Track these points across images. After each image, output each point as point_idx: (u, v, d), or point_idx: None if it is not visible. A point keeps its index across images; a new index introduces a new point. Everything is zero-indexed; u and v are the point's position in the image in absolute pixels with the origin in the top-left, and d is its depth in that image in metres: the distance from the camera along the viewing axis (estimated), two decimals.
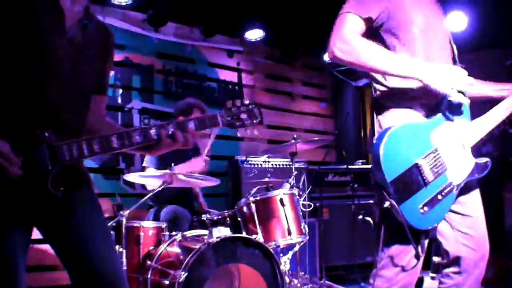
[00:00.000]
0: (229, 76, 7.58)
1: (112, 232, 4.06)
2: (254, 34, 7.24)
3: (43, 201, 2.02)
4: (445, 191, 2.51)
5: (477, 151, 6.15)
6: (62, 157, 2.00)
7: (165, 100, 6.68)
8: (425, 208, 2.45)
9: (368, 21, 2.54)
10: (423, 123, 2.57)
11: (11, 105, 2.03)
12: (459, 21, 6.61)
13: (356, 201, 6.08)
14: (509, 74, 6.22)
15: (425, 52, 2.62)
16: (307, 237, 4.62)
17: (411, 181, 2.43)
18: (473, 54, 7.09)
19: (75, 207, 2.20)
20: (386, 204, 2.41)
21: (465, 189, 2.65)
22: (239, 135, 6.32)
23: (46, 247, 2.50)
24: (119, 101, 6.29)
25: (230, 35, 7.50)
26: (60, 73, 2.12)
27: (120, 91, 6.31)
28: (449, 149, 2.57)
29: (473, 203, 2.71)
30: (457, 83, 2.44)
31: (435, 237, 2.70)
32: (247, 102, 2.36)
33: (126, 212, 4.10)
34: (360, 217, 5.82)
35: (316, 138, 6.20)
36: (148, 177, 4.57)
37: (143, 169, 5.05)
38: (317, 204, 6.11)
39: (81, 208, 2.22)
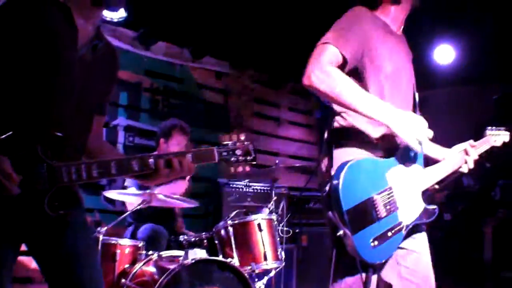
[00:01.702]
0: (217, 98, 7.61)
1: None
2: (243, 58, 7.31)
3: (38, 219, 2.04)
4: (395, 229, 2.57)
5: (458, 182, 6.18)
6: (60, 178, 2.01)
7: (151, 119, 6.70)
8: (376, 242, 2.49)
9: (344, 57, 2.59)
10: (381, 161, 2.63)
11: (16, 120, 2.04)
12: (446, 54, 6.73)
13: None
14: (496, 109, 6.31)
15: (387, 99, 2.66)
16: (283, 263, 4.62)
17: (365, 213, 2.48)
18: (461, 88, 7.21)
19: (68, 226, 2.21)
20: (340, 232, 2.45)
21: (413, 227, 2.71)
22: (232, 170, 6.31)
23: (20, 259, 2.51)
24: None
25: (219, 57, 7.55)
26: (69, 91, 2.14)
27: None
28: (402, 191, 2.64)
29: (419, 240, 2.77)
30: (420, 134, 2.49)
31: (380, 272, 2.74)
32: (243, 138, 2.38)
33: (104, 229, 4.10)
34: None
35: (297, 164, 6.23)
36: (128, 195, 4.57)
37: (124, 187, 5.05)
38: (297, 230, 6.12)
39: (73, 228, 2.23)
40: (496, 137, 3.20)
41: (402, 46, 2.90)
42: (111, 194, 4.45)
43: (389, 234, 2.54)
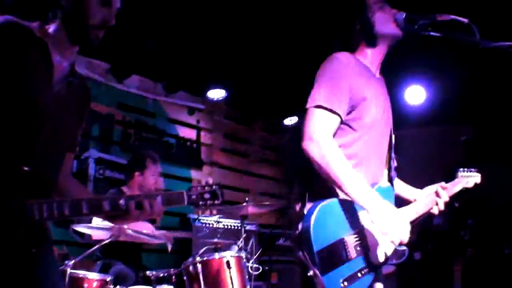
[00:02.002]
0: (188, 133, 7.60)
1: None
2: (216, 94, 7.33)
3: (8, 256, 1.98)
4: (365, 270, 2.57)
5: (428, 221, 6.23)
6: (31, 216, 1.98)
7: (122, 152, 6.64)
8: (345, 283, 2.49)
9: (339, 115, 2.64)
10: (353, 202, 2.62)
11: None
12: (417, 95, 6.85)
13: None
14: (464, 150, 6.43)
15: (367, 141, 2.74)
16: None
17: (336, 254, 2.49)
18: (431, 128, 7.33)
19: (37, 263, 2.16)
20: (310, 272, 2.45)
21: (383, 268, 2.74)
22: (199, 213, 6.31)
23: None
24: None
25: (192, 92, 7.57)
26: (43, 127, 2.12)
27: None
28: (373, 232, 2.65)
29: (389, 280, 2.79)
30: (396, 232, 2.53)
31: None
32: (211, 182, 2.42)
33: (71, 262, 4.01)
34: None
35: (267, 202, 6.22)
36: (97, 229, 4.49)
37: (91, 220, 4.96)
38: (266, 267, 6.07)
39: (42, 265, 2.19)
40: (468, 178, 3.23)
41: (382, 90, 2.96)
42: (80, 227, 4.36)
43: (359, 275, 2.55)
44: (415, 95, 6.82)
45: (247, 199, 5.37)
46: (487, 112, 6.77)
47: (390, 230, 2.52)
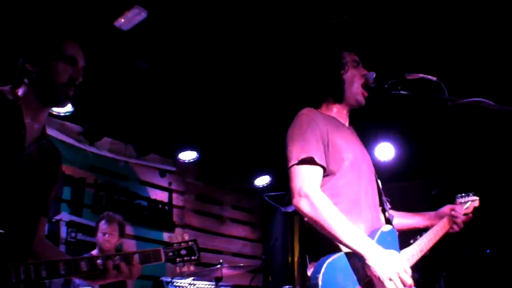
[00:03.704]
0: (160, 196, 7.57)
1: None
2: (187, 156, 7.36)
3: None
4: None
5: None
6: (8, 279, 1.95)
7: (94, 215, 6.54)
8: None
9: (321, 165, 2.67)
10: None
11: None
12: (387, 152, 6.97)
13: None
14: (434, 204, 6.53)
15: (354, 186, 2.75)
16: None
17: None
18: (401, 183, 7.44)
19: None
20: None
21: None
22: (177, 270, 6.20)
23: None
24: None
25: (163, 155, 7.59)
26: (16, 190, 2.12)
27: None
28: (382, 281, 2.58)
29: None
30: (394, 274, 2.48)
31: None
32: (187, 238, 2.43)
33: None
34: None
35: (241, 264, 6.20)
36: None
37: (67, 283, 4.87)
38: None
39: None
40: (466, 204, 3.27)
41: (355, 137, 3.03)
42: None
43: None
44: (385, 151, 6.96)
45: (221, 261, 5.35)
46: (455, 166, 6.94)
47: (389, 276, 2.47)
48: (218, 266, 5.22)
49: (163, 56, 5.33)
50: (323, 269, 2.44)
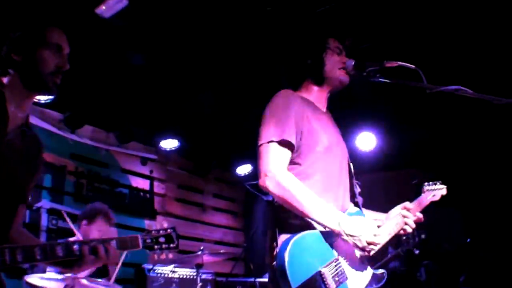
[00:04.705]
0: (141, 184, 7.57)
1: None
2: (169, 144, 7.36)
3: None
4: None
5: (384, 266, 6.33)
6: None
7: (74, 202, 6.53)
8: None
9: (291, 144, 2.71)
10: (325, 232, 2.65)
11: None
12: (368, 141, 7.01)
13: None
14: (415, 193, 6.58)
15: (325, 170, 2.80)
16: None
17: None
18: (381, 173, 7.49)
19: None
20: None
21: None
22: (155, 257, 6.19)
23: None
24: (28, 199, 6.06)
25: (145, 143, 7.58)
26: None
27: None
28: (349, 260, 2.68)
29: None
30: (368, 237, 2.56)
31: None
32: (165, 226, 2.44)
33: None
34: None
35: (222, 251, 6.23)
36: (50, 280, 4.38)
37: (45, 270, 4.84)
38: None
39: None
40: (434, 192, 3.31)
41: (330, 122, 3.08)
42: (33, 279, 4.26)
43: None
44: (366, 141, 7.00)
45: (202, 247, 5.37)
46: (436, 156, 7.01)
47: (363, 235, 2.54)
48: (199, 252, 5.23)
49: (145, 43, 5.31)
50: (289, 247, 2.47)
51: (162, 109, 6.66)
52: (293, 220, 2.67)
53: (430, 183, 3.37)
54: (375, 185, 7.50)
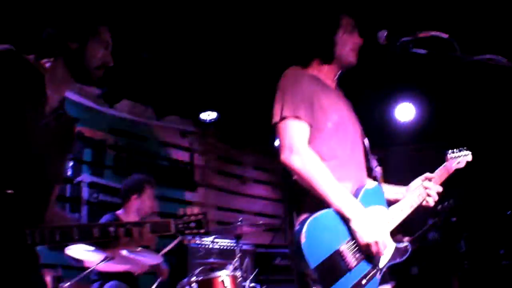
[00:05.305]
0: (181, 156, 7.63)
1: None
2: (207, 116, 7.37)
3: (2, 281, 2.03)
4: (369, 275, 2.56)
5: (424, 237, 6.25)
6: (23, 241, 2.02)
7: (115, 176, 6.65)
8: None
9: (307, 122, 2.71)
10: None
11: None
12: (407, 112, 6.89)
13: None
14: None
15: (337, 147, 2.78)
16: None
17: (334, 267, 2.46)
18: (419, 145, 7.37)
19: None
20: None
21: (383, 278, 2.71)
22: (185, 241, 6.29)
23: None
24: (69, 173, 6.24)
25: (183, 115, 7.61)
26: (31, 155, 2.17)
27: (71, 163, 6.27)
28: None
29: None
30: (378, 236, 2.54)
31: None
32: (196, 211, 2.46)
33: (66, 285, 4.02)
34: None
35: (260, 222, 6.25)
36: (90, 252, 4.49)
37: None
38: (264, 287, 6.06)
39: None
40: (458, 159, 3.25)
41: (342, 99, 3.04)
42: (73, 251, 4.36)
43: (364, 281, 2.52)
44: (405, 112, 6.87)
45: (241, 218, 5.40)
46: (473, 129, 6.84)
47: (368, 243, 2.52)
48: (239, 223, 5.27)
49: (181, 17, 5.30)
50: (306, 225, 2.46)
51: (199, 82, 6.66)
52: (310, 199, 2.65)
53: (455, 150, 3.28)
54: (414, 157, 7.42)
